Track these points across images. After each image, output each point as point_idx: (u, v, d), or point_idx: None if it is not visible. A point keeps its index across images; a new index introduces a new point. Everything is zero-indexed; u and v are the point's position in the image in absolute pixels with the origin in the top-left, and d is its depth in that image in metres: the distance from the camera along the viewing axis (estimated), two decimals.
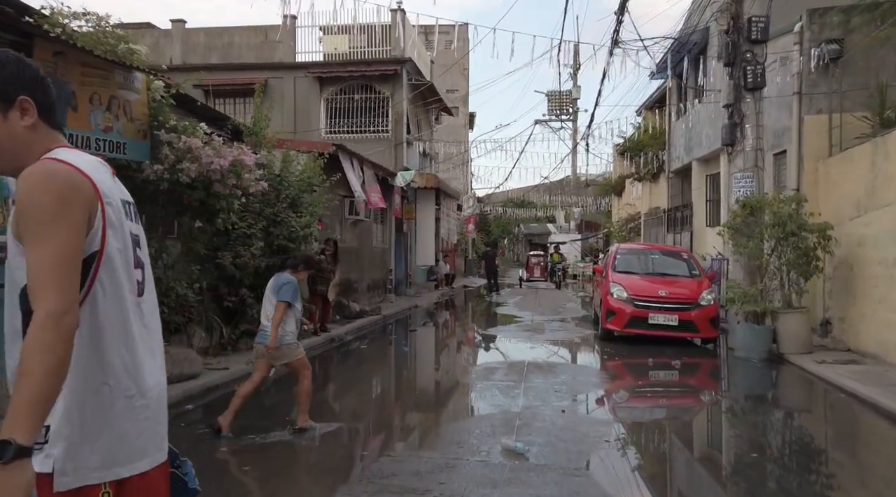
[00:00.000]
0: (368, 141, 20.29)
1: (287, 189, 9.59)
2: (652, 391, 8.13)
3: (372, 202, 14.21)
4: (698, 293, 10.73)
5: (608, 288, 11.13)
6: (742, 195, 10.14)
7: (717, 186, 16.51)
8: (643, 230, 24.68)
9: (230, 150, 6.64)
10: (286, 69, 20.61)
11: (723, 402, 7.74)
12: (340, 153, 12.43)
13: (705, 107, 16.55)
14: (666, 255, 12.38)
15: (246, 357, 8.51)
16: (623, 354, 10.12)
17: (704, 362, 10.10)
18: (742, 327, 9.57)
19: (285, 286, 5.26)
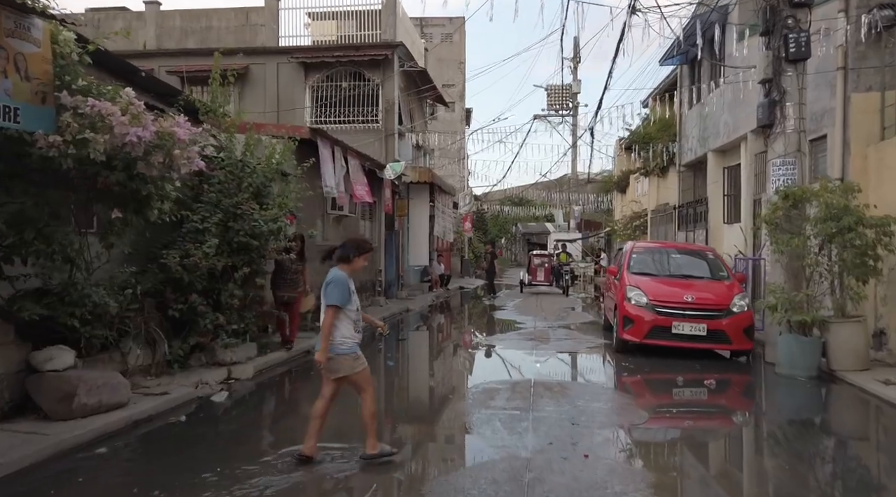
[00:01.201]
0: (357, 131, 18.87)
1: (251, 176, 8.13)
2: (692, 424, 6.60)
3: (357, 196, 12.76)
4: (729, 298, 9.31)
5: (624, 292, 9.70)
6: (783, 184, 8.71)
7: (737, 180, 15.11)
8: (650, 228, 23.28)
9: (155, 120, 5.17)
10: (269, 54, 19.13)
11: (787, 438, 6.27)
12: (319, 139, 10.97)
13: (724, 91, 15.13)
14: (688, 254, 10.95)
15: (197, 376, 7.06)
16: (644, 370, 8.69)
17: (742, 381, 8.67)
18: (785, 339, 8.14)
19: (331, 286, 4.45)
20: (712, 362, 9.08)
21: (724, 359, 9.33)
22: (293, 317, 8.93)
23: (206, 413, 6.19)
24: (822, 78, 9.95)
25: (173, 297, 7.13)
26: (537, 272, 22.34)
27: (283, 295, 8.64)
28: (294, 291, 8.73)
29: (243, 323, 8.18)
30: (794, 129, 8.71)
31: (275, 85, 19.12)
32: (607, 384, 8.06)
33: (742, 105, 14.02)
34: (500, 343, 11.15)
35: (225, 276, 7.70)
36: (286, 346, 8.72)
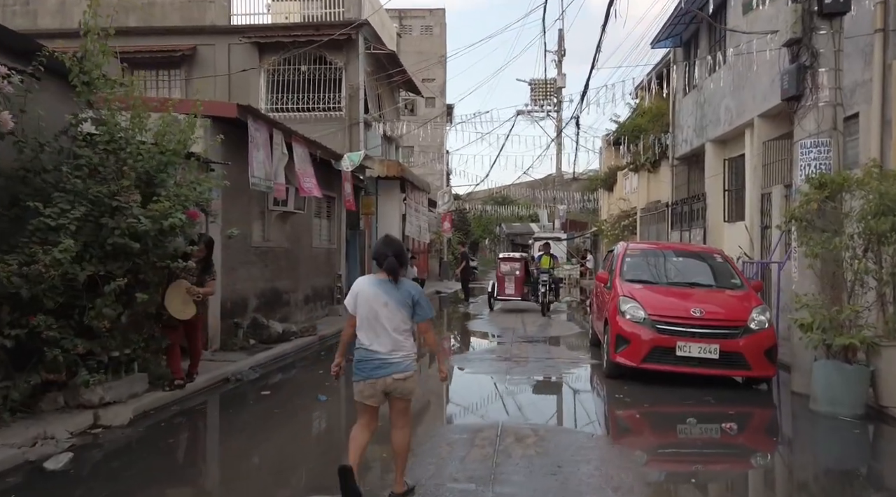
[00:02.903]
0: (318, 120, 17.01)
1: (135, 159, 6.22)
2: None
3: (303, 189, 10.87)
4: (746, 312, 7.56)
5: (617, 304, 7.92)
6: (814, 171, 6.98)
7: (739, 172, 13.42)
8: (639, 228, 21.60)
9: None
10: (219, 34, 17.19)
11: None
12: (250, 119, 9.08)
13: (725, 74, 13.44)
14: (692, 256, 9.17)
15: (41, 427, 5.15)
16: (643, 405, 6.90)
17: (773, 424, 6.89)
18: (824, 368, 6.39)
19: (424, 296, 4.05)
20: (728, 392, 7.32)
21: (741, 387, 7.57)
22: (193, 343, 6.98)
23: (29, 493, 4.29)
24: (851, 45, 8.21)
25: (8, 320, 5.22)
26: (505, 282, 16.59)
27: (171, 319, 6.63)
28: (198, 311, 6.77)
29: (127, 349, 6.29)
30: (828, 101, 6.97)
31: (226, 68, 17.18)
32: (598, 429, 6.24)
33: (747, 86, 12.33)
34: (468, 365, 9.31)
35: (94, 289, 5.80)
36: (176, 382, 6.65)
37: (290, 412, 6.50)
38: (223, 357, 8.65)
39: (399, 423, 4.01)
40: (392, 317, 3.86)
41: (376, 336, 3.87)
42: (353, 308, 3.94)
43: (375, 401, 3.95)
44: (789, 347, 8.37)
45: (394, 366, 3.87)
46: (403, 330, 3.91)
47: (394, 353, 3.87)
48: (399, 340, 3.88)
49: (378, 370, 3.87)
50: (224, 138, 9.19)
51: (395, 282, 3.89)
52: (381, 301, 3.86)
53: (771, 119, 11.59)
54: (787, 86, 7.21)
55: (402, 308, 3.89)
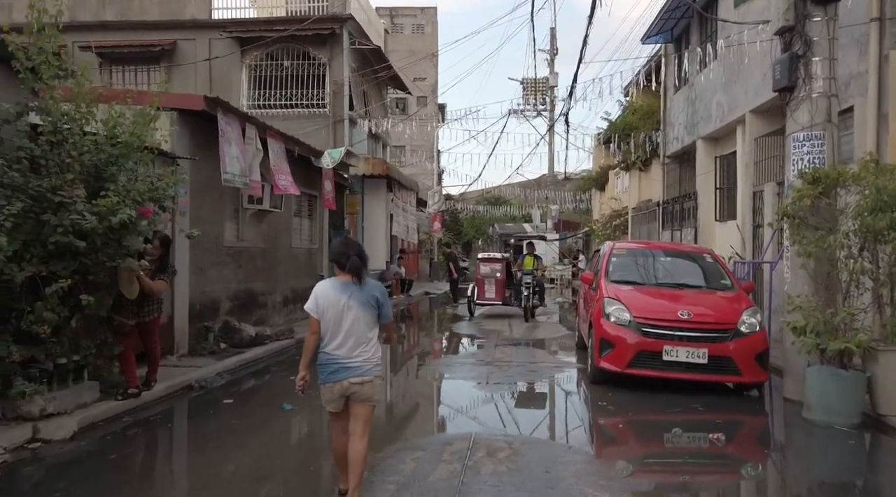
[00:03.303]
0: (302, 117, 16.61)
1: (80, 152, 5.79)
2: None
3: (279, 186, 10.45)
4: (736, 314, 7.19)
5: (602, 306, 7.54)
6: (808, 165, 6.62)
7: (731, 170, 13.09)
8: (631, 227, 21.29)
9: None
10: (199, 28, 16.76)
11: None
12: (219, 113, 8.66)
13: (716, 69, 13.11)
14: (681, 256, 8.80)
15: None
16: (628, 413, 6.52)
17: (765, 433, 6.51)
18: (818, 374, 6.02)
19: (387, 297, 3.90)
20: (717, 399, 6.95)
21: (731, 393, 7.19)
22: (150, 348, 6.53)
23: None
24: (846, 36, 7.86)
25: None
26: (485, 285, 14.99)
27: (127, 320, 6.18)
28: (145, 314, 6.31)
29: (77, 355, 5.88)
30: (822, 92, 6.61)
31: (207, 64, 16.73)
32: (578, 441, 5.85)
33: (739, 81, 12.00)
34: (447, 370, 8.92)
35: (34, 293, 5.38)
36: (130, 391, 6.17)
37: (252, 423, 6.08)
38: (190, 362, 8.23)
39: (358, 430, 3.80)
40: (358, 320, 3.73)
41: (340, 340, 3.74)
42: (317, 313, 3.76)
43: (336, 406, 3.82)
44: (781, 351, 8.01)
45: (353, 369, 3.74)
46: (369, 333, 3.80)
47: (355, 357, 3.75)
48: (362, 344, 3.77)
49: (337, 374, 3.74)
50: (193, 132, 8.83)
51: (359, 283, 3.75)
52: (346, 304, 3.72)
53: (763, 115, 11.26)
54: (779, 76, 6.85)
55: (368, 310, 3.76)
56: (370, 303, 3.75)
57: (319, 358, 3.79)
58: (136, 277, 5.92)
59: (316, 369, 3.82)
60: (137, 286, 5.94)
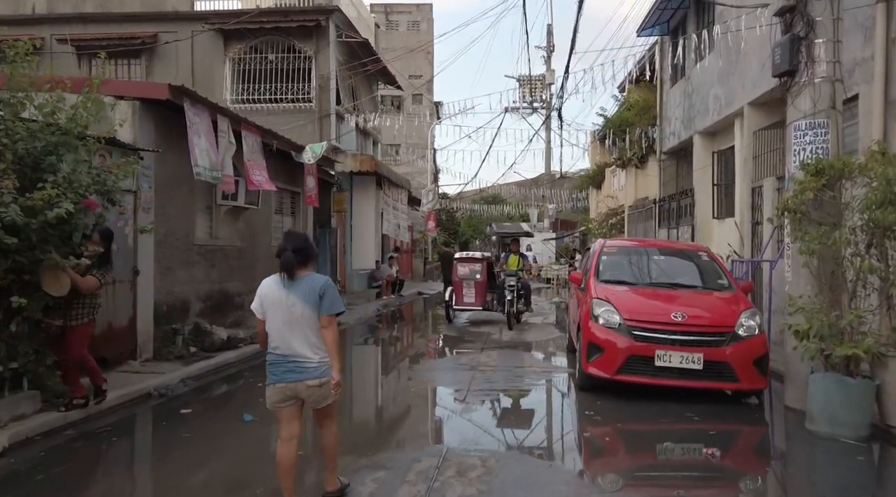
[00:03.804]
0: (287, 112, 16.15)
1: (12, 140, 5.29)
2: None
3: (253, 182, 9.96)
4: (733, 316, 6.70)
5: (590, 308, 7.05)
6: (810, 156, 6.13)
7: (729, 166, 12.61)
8: (627, 226, 20.81)
9: None
10: (181, 20, 16.27)
11: None
12: (186, 103, 8.16)
13: (713, 61, 12.62)
14: (675, 255, 8.31)
15: None
16: (616, 424, 6.04)
17: (761, 445, 6.02)
18: (822, 382, 5.53)
19: (332, 290, 3.65)
20: (714, 407, 6.46)
21: (728, 401, 6.69)
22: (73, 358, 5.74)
23: None
24: (850, 19, 7.36)
25: None
26: (463, 289, 13.16)
27: (54, 321, 5.58)
28: (73, 318, 5.69)
29: (14, 363, 5.39)
30: (826, 76, 6.13)
31: (189, 57, 16.28)
32: (560, 456, 5.36)
33: (737, 73, 11.52)
34: (426, 376, 8.43)
35: None
36: (75, 401, 5.66)
37: (207, 436, 5.59)
38: (154, 368, 7.74)
39: (324, 422, 3.84)
40: (303, 317, 3.58)
41: (288, 339, 3.58)
42: (261, 312, 3.66)
43: (288, 407, 3.66)
44: (781, 353, 7.53)
45: (308, 371, 3.58)
46: (315, 331, 3.62)
47: (308, 357, 3.58)
48: (314, 342, 3.60)
49: (290, 374, 3.58)
50: (158, 123, 8.34)
51: (290, 278, 3.59)
52: (288, 301, 3.58)
53: (762, 107, 10.78)
54: (779, 60, 6.36)
55: (312, 306, 3.59)
56: (314, 299, 3.58)
57: (269, 358, 3.65)
58: (61, 273, 5.37)
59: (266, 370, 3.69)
60: (67, 283, 5.39)
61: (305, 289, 3.59)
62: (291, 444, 3.66)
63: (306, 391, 3.58)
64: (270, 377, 3.64)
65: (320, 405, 3.68)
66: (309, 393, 3.59)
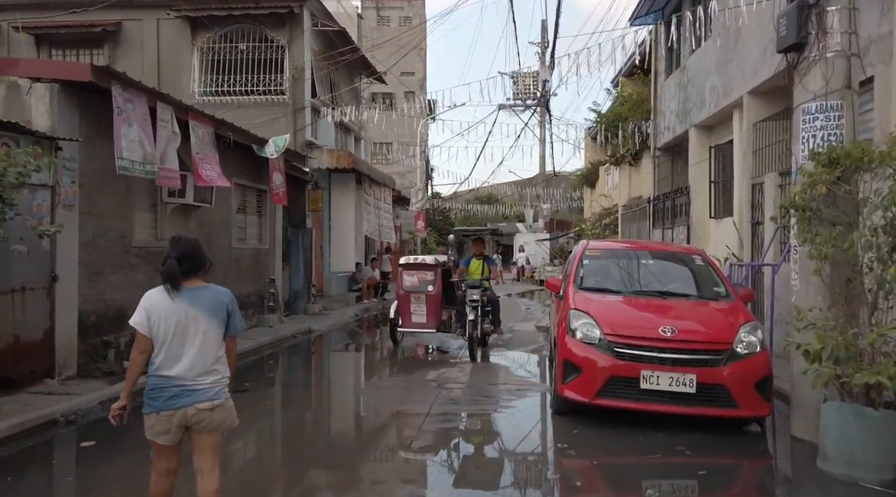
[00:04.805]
0: (259, 105, 15.20)
1: None
2: None
3: (202, 177, 9.03)
4: (732, 330, 5.79)
5: (567, 320, 6.13)
6: (821, 143, 5.22)
7: (727, 161, 11.70)
8: (620, 226, 19.91)
9: None
10: (146, 7, 15.31)
11: None
12: (114, 85, 7.22)
13: (711, 48, 11.73)
14: (666, 258, 7.38)
15: None
16: (592, 459, 5.13)
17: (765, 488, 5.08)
18: (837, 413, 4.62)
19: (235, 306, 3.36)
20: (709, 438, 5.53)
21: (725, 430, 5.75)
22: None
23: None
24: None
25: None
26: (411, 304, 10.16)
27: None
28: None
29: None
30: (840, 50, 5.21)
31: (154, 47, 15.33)
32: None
33: (735, 60, 10.62)
34: (379, 395, 7.50)
35: None
36: None
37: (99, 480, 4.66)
38: (74, 387, 6.80)
39: (206, 464, 3.26)
40: (206, 333, 3.19)
41: (178, 358, 3.17)
42: (147, 328, 3.17)
43: (171, 439, 3.21)
44: (785, 369, 6.64)
45: (199, 393, 3.17)
46: (218, 349, 3.25)
47: (200, 379, 3.18)
48: (209, 362, 3.21)
49: (176, 399, 3.15)
50: (84, 110, 7.41)
51: (175, 289, 3.18)
52: (188, 314, 3.18)
53: (762, 96, 9.87)
54: (784, 32, 5.45)
55: (215, 321, 3.22)
56: (218, 312, 3.22)
57: (151, 382, 3.18)
58: None
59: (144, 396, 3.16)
60: None
61: (209, 301, 3.22)
62: (170, 479, 3.29)
63: (197, 416, 3.16)
64: (152, 404, 3.17)
65: (212, 432, 3.22)
66: (199, 418, 3.17)
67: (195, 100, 14.92)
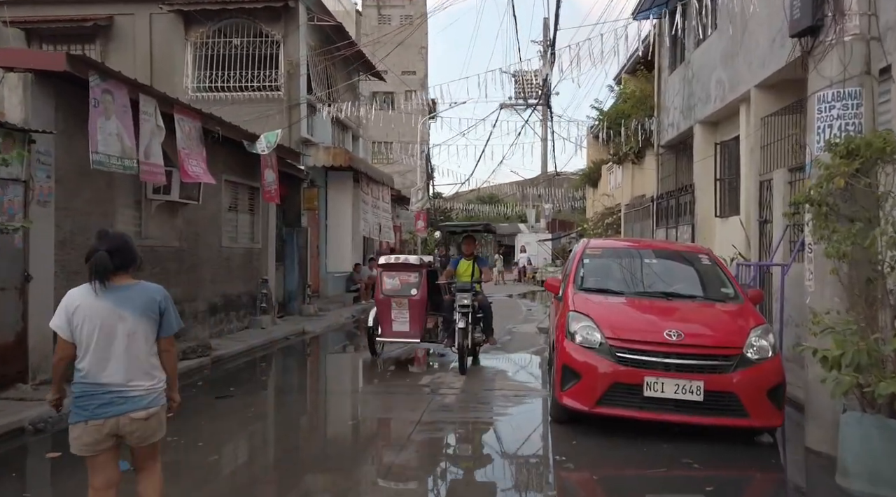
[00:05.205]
0: (254, 101, 14.91)
1: None
2: None
3: (188, 173, 8.69)
4: (742, 334, 5.43)
5: (565, 323, 5.78)
6: (838, 133, 4.86)
7: (734, 158, 11.34)
8: (623, 225, 19.54)
9: None
10: (138, 2, 15.00)
11: None
12: (91, 75, 6.88)
13: (716, 41, 11.37)
14: (672, 258, 7.01)
15: None
16: (593, 471, 4.78)
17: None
18: (859, 424, 4.26)
19: (171, 303, 3.13)
20: (717, 449, 5.17)
21: (735, 440, 5.38)
22: None
23: None
24: None
25: None
26: (392, 310, 8.94)
27: None
28: None
29: None
30: (859, 33, 4.85)
31: (147, 42, 15.04)
32: None
33: (742, 53, 10.25)
34: (377, 398, 7.15)
35: None
36: None
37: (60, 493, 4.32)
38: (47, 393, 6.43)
39: (147, 465, 3.12)
40: (136, 334, 2.97)
41: (106, 363, 2.93)
42: (69, 330, 2.94)
43: (102, 449, 2.96)
44: (797, 374, 6.30)
45: (133, 401, 2.95)
46: (149, 350, 3.03)
47: (135, 384, 2.95)
48: (143, 366, 2.99)
49: (107, 408, 2.92)
50: (60, 102, 7.09)
51: (103, 285, 2.94)
52: (115, 314, 2.95)
53: (770, 90, 9.50)
54: (798, 14, 5.09)
55: (146, 320, 3.00)
56: (150, 312, 3.00)
57: (78, 389, 2.93)
58: None
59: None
60: None
61: (140, 300, 2.98)
62: (109, 494, 3.03)
63: (130, 426, 2.94)
64: (80, 413, 2.94)
65: (146, 442, 3.02)
66: (133, 428, 2.95)
67: (188, 96, 14.61)
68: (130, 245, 3.10)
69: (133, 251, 3.08)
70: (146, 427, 2.98)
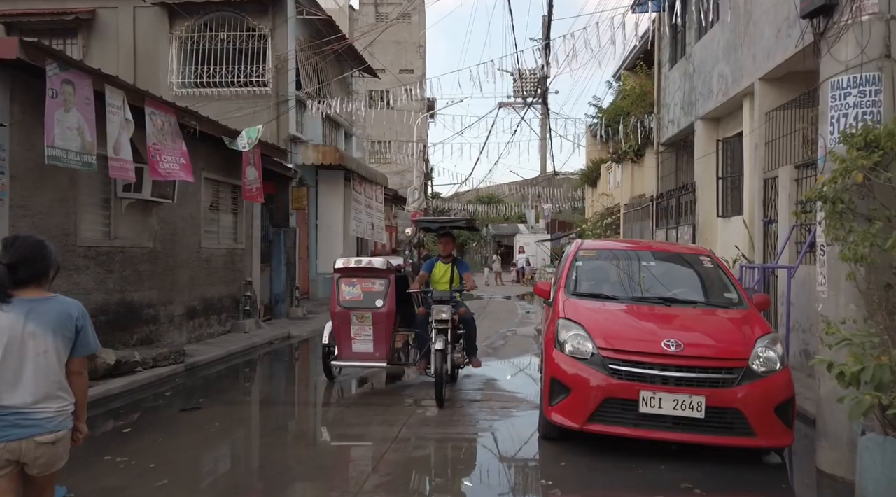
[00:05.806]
0: (241, 97, 14.45)
1: None
2: None
3: (159, 170, 8.22)
4: (747, 344, 4.95)
5: (555, 331, 5.31)
6: (854, 123, 4.39)
7: (736, 155, 10.88)
8: (623, 225, 19.08)
9: None
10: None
11: None
12: (48, 64, 6.41)
13: (718, 33, 10.90)
14: (671, 260, 6.53)
15: None
16: (583, 494, 4.30)
17: None
18: (880, 448, 3.78)
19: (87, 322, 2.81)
20: (720, 470, 4.69)
21: (740, 461, 4.91)
22: None
23: None
24: None
25: None
26: (352, 327, 7.24)
27: None
28: None
29: None
30: (877, 12, 4.38)
31: (131, 36, 14.59)
32: None
33: (745, 44, 9.78)
34: (352, 411, 6.67)
35: None
36: None
37: None
38: None
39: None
40: (46, 354, 2.65)
41: (13, 385, 2.63)
42: None
43: (5, 477, 2.62)
44: (802, 382, 5.83)
45: (40, 424, 2.64)
46: (61, 371, 2.72)
47: (42, 406, 2.65)
48: (53, 387, 2.68)
49: (10, 430, 2.60)
50: (16, 93, 6.62)
51: (3, 301, 2.62)
52: (24, 332, 2.63)
53: (775, 83, 9.04)
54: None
55: (63, 339, 2.70)
56: (63, 330, 2.69)
57: None
58: None
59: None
60: None
61: (53, 316, 2.67)
62: None
63: (35, 451, 2.63)
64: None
65: (49, 471, 2.69)
66: (37, 454, 2.63)
67: (173, 91, 14.18)
68: (44, 254, 2.76)
69: (47, 261, 2.75)
70: (52, 453, 2.67)
